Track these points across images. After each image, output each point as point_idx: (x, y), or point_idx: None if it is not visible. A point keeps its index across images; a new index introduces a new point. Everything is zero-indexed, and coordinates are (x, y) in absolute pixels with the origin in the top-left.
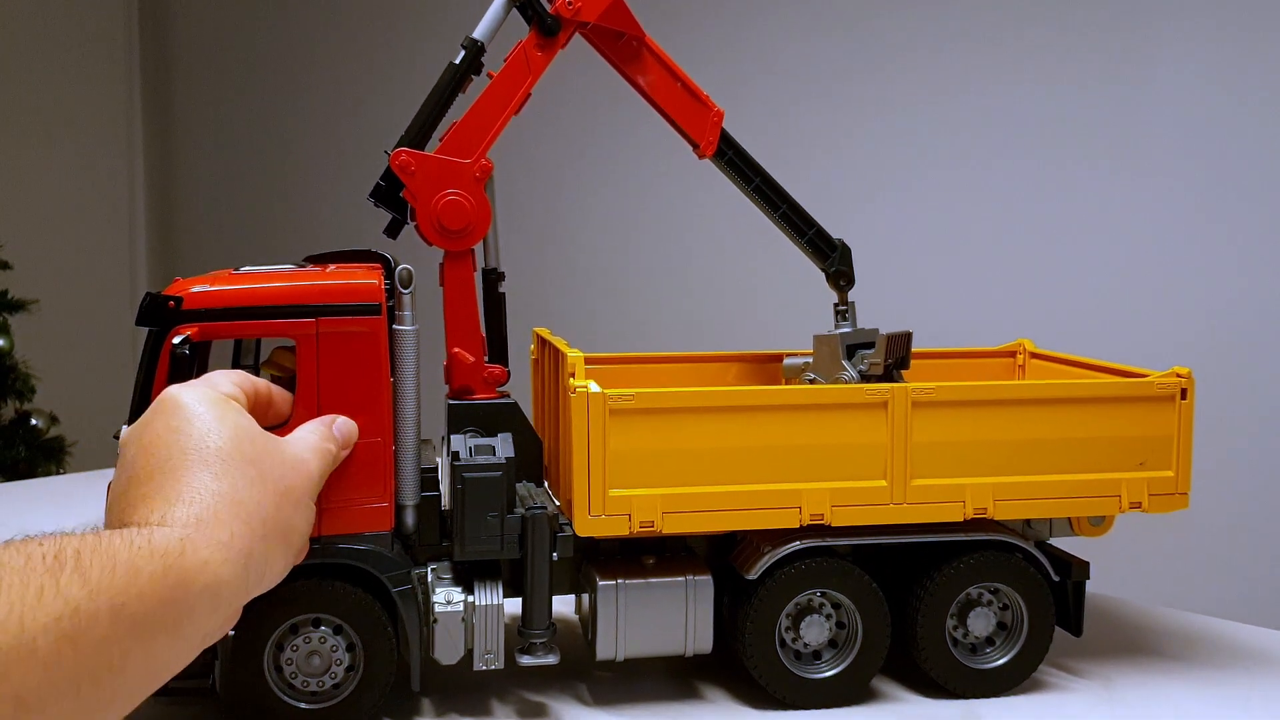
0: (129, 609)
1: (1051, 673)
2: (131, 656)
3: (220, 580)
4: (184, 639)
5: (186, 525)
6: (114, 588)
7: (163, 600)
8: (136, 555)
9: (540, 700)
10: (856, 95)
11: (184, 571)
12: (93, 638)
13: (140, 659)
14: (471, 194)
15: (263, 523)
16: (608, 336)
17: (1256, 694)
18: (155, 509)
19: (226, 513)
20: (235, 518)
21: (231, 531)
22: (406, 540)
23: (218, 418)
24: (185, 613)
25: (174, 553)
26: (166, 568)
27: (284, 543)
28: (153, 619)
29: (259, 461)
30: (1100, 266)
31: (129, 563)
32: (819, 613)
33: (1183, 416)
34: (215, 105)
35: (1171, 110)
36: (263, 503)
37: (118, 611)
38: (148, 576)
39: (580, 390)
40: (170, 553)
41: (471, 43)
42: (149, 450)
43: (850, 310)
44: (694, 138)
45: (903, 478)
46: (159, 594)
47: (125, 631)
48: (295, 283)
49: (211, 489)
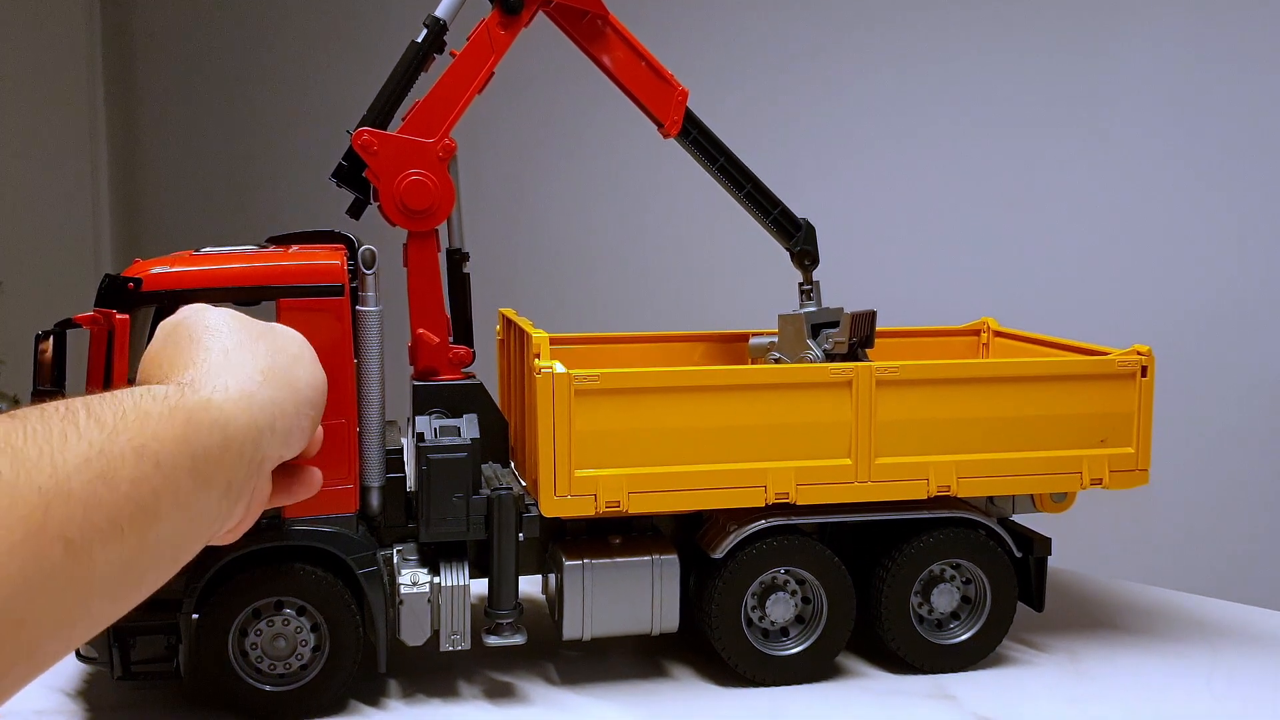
0: (150, 448)
1: (1018, 648)
2: (163, 499)
3: (225, 415)
4: (207, 484)
5: (215, 389)
6: (130, 429)
7: (176, 439)
8: (142, 401)
9: (507, 680)
10: (820, 74)
11: (188, 410)
12: (123, 476)
13: (172, 504)
14: (435, 174)
15: (261, 371)
16: (574, 317)
17: (1220, 666)
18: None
19: (221, 364)
20: (229, 367)
21: (227, 378)
22: (372, 522)
23: (210, 309)
24: (200, 453)
25: (175, 395)
26: (172, 408)
27: (286, 385)
28: (173, 459)
29: (250, 328)
30: (1064, 245)
31: (137, 408)
32: (784, 590)
33: (1143, 394)
34: (178, 86)
35: (1138, 88)
36: (256, 354)
37: (140, 451)
38: (157, 417)
39: (545, 371)
40: (172, 395)
41: (434, 21)
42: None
43: (815, 289)
44: (658, 117)
45: (867, 456)
46: (172, 433)
47: (151, 469)
48: (256, 264)
49: (204, 356)
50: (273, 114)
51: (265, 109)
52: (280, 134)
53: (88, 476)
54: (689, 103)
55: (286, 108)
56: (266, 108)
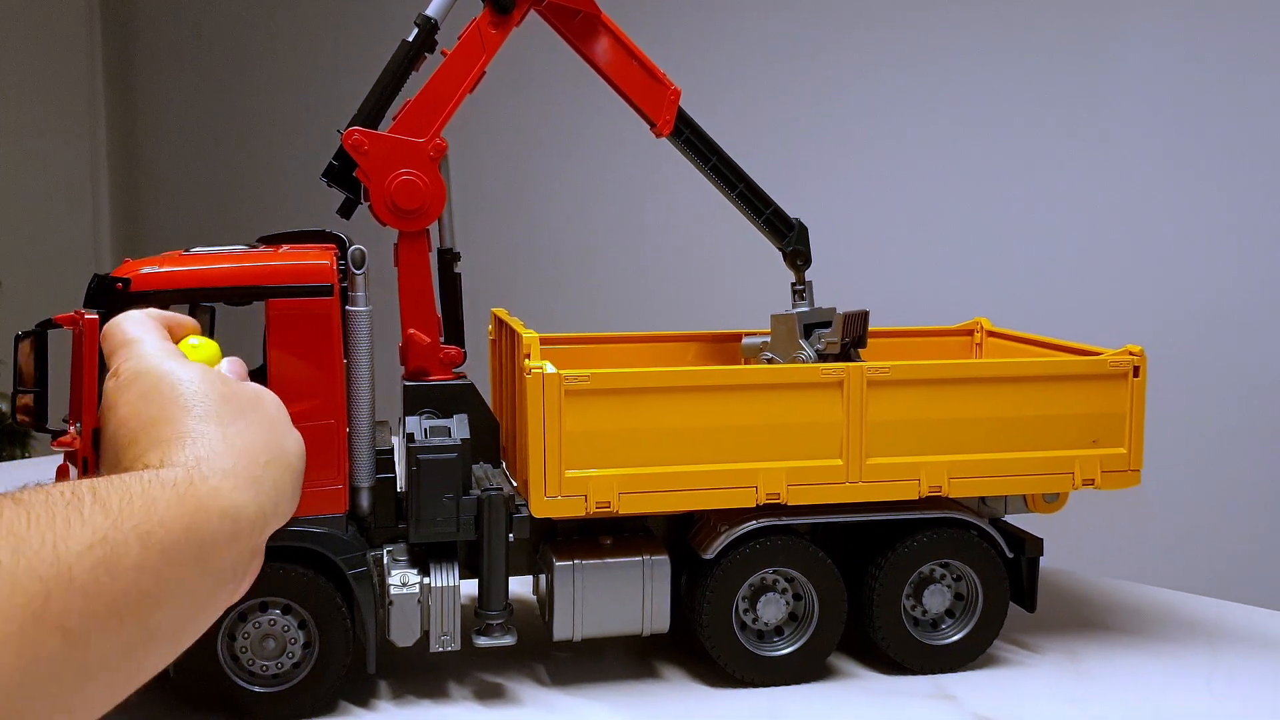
0: (155, 536)
1: (1017, 648)
2: (166, 586)
3: (236, 505)
4: (212, 571)
5: (188, 463)
6: (135, 515)
7: (185, 527)
8: (150, 487)
9: (498, 681)
10: (815, 74)
11: (198, 498)
12: (126, 565)
13: (175, 591)
14: (426, 173)
15: (262, 448)
16: (566, 317)
17: (1220, 666)
18: (153, 458)
19: (222, 446)
20: (231, 449)
21: (233, 461)
22: (362, 522)
23: (182, 365)
24: (208, 541)
25: (184, 482)
26: (181, 495)
27: (286, 467)
28: (179, 547)
29: (234, 398)
30: (1060, 245)
31: (144, 494)
32: (775, 591)
33: (1135, 394)
34: (178, 86)
35: (1137, 88)
36: (252, 433)
37: (145, 539)
38: (164, 504)
39: (535, 371)
40: (180, 483)
41: (425, 20)
42: (128, 420)
43: (807, 289)
44: (651, 116)
45: (858, 456)
46: (180, 520)
47: (156, 558)
48: (245, 264)
49: (201, 429)
50: (273, 114)
51: (265, 109)
52: (279, 134)
53: (90, 563)
54: (681, 102)
55: (282, 107)
56: (266, 108)
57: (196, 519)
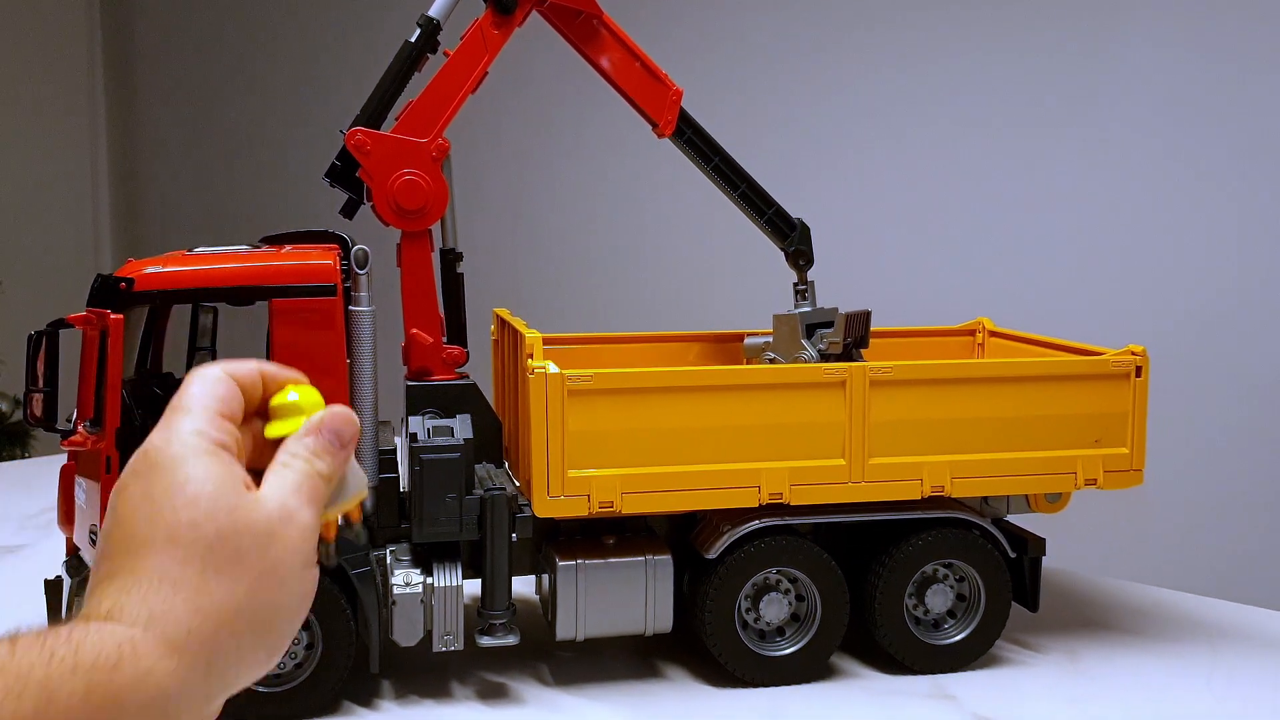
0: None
1: (1017, 648)
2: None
3: (165, 693)
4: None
5: (136, 622)
6: (24, 709)
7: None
8: (54, 673)
9: (501, 681)
10: (816, 74)
11: (114, 689)
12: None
13: None
14: (428, 174)
15: (234, 614)
16: (569, 317)
17: (1220, 666)
18: (108, 595)
19: (187, 607)
20: (197, 611)
21: (189, 629)
22: (365, 522)
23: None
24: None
25: (105, 666)
26: (90, 686)
27: (262, 632)
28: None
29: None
30: (1062, 245)
31: (42, 684)
32: (778, 591)
33: (1137, 394)
34: (176, 86)
35: (1137, 88)
36: (235, 590)
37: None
38: (64, 699)
39: (538, 371)
40: (100, 667)
41: (427, 21)
42: (123, 520)
43: (809, 289)
44: (653, 117)
45: (861, 456)
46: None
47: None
48: (249, 264)
49: (174, 576)
50: (275, 114)
51: (267, 109)
52: (281, 134)
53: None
54: (683, 103)
55: (285, 107)
56: (268, 108)
57: (102, 714)
